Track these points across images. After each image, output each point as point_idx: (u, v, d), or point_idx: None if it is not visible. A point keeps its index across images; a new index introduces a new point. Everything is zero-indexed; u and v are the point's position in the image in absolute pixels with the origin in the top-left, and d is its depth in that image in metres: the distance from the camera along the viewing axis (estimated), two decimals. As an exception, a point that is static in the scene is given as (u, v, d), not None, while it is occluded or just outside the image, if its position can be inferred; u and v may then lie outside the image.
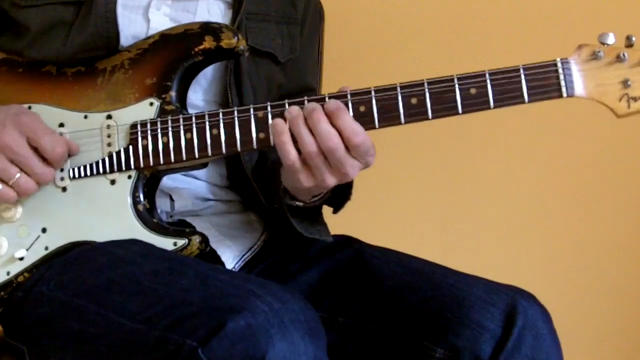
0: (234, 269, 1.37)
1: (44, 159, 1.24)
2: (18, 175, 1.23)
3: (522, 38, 2.00)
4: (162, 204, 1.35)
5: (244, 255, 1.40)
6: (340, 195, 1.33)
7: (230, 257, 1.37)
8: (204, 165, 1.30)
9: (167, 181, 1.34)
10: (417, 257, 1.34)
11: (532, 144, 2.11)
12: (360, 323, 1.29)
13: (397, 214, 2.14)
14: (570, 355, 1.25)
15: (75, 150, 1.27)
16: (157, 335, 1.07)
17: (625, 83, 1.16)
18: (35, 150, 1.24)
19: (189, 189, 1.38)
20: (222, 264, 1.36)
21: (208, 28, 1.27)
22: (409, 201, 2.14)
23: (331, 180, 1.19)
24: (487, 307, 1.18)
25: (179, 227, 1.28)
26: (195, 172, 1.37)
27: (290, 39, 1.44)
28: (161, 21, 1.33)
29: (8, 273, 1.27)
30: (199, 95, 1.36)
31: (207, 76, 1.36)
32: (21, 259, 1.27)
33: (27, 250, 1.27)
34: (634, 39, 1.17)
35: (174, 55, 1.28)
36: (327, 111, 1.17)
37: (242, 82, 1.35)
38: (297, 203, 1.31)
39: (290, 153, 1.17)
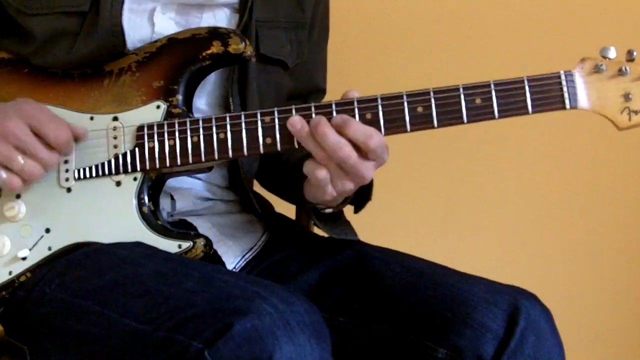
0: (234, 269, 1.38)
1: (49, 147, 1.23)
2: (22, 160, 1.21)
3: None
4: (163, 204, 1.35)
5: (245, 255, 1.40)
6: (360, 195, 1.34)
7: (231, 257, 1.38)
8: (210, 169, 1.31)
9: (170, 181, 1.34)
10: (418, 257, 1.35)
11: (532, 145, 2.13)
12: (361, 323, 1.29)
13: (397, 214, 2.14)
14: (571, 355, 1.25)
15: (82, 135, 1.26)
16: (162, 336, 1.06)
17: (626, 96, 1.18)
18: (40, 138, 1.22)
19: (191, 188, 1.38)
20: (223, 263, 1.36)
21: (216, 33, 1.28)
22: (409, 201, 2.15)
23: (350, 186, 1.20)
24: (490, 307, 1.18)
25: (183, 230, 1.28)
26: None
27: (299, 43, 1.45)
28: (166, 25, 1.33)
29: (10, 272, 1.27)
30: (203, 99, 1.36)
31: (212, 82, 1.36)
32: (24, 258, 1.27)
33: (30, 250, 1.27)
34: (635, 53, 1.19)
35: (182, 59, 1.28)
36: (335, 125, 1.18)
37: (247, 89, 1.36)
38: (327, 210, 1.32)
39: (321, 174, 1.19)
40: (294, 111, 1.22)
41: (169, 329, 1.06)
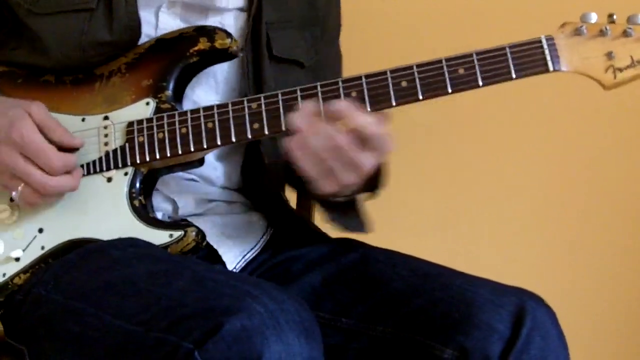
0: (235, 269, 1.37)
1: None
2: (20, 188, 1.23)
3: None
4: (165, 209, 1.36)
5: (245, 255, 1.39)
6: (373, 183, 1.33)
7: (231, 257, 1.37)
8: (201, 163, 1.31)
9: (172, 186, 1.35)
10: (423, 260, 1.34)
11: (534, 145, 2.13)
12: (365, 325, 1.27)
13: (398, 214, 2.12)
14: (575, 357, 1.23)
15: (79, 145, 1.27)
16: (154, 337, 1.06)
17: (609, 55, 1.18)
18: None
19: (193, 192, 1.38)
20: (224, 263, 1.36)
21: (202, 30, 1.30)
22: (410, 202, 2.14)
23: (350, 178, 1.19)
24: (496, 308, 1.18)
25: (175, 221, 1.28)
26: (200, 174, 1.37)
27: (313, 41, 1.45)
28: (172, 23, 1.34)
29: (4, 274, 1.27)
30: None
31: (226, 82, 1.37)
32: (17, 259, 1.27)
33: (23, 250, 1.27)
34: (615, 16, 1.20)
35: (170, 57, 1.30)
36: (334, 114, 1.18)
37: (264, 91, 1.33)
38: (337, 199, 1.30)
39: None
40: (279, 96, 1.24)
41: (160, 330, 1.06)
